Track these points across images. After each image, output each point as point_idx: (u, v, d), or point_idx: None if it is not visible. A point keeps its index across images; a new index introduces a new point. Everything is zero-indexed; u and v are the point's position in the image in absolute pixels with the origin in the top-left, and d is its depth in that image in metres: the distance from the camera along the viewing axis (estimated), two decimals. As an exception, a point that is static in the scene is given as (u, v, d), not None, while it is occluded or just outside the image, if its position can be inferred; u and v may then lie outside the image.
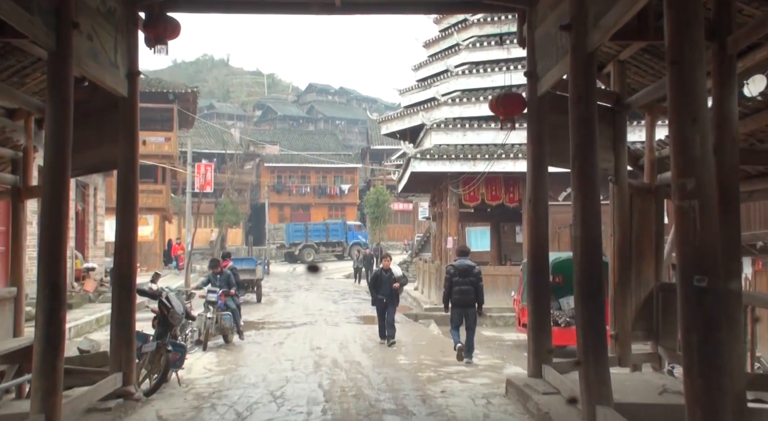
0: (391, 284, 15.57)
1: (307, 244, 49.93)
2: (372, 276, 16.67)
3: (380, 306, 15.67)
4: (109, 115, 9.48)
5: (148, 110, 38.36)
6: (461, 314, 13.04)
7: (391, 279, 15.63)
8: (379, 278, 15.82)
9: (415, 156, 22.72)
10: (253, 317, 21.89)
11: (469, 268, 13.13)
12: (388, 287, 15.55)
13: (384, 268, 16.03)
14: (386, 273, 15.77)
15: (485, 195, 23.74)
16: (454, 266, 13.33)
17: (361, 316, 21.96)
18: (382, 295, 15.57)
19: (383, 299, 15.55)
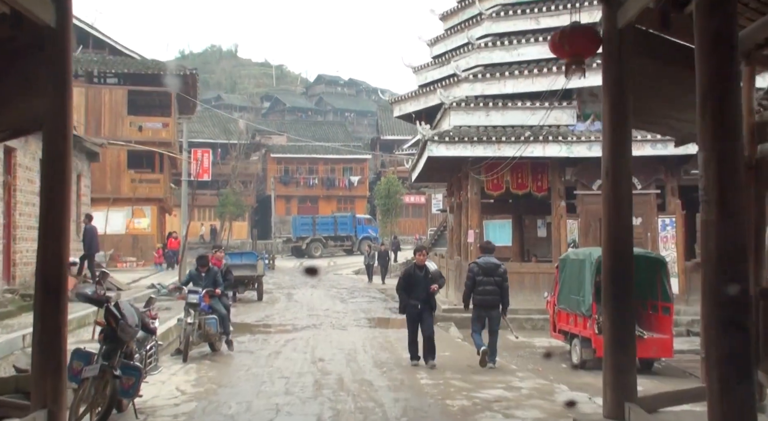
0: (428, 286, 11.87)
1: (315, 238, 47.43)
2: (402, 275, 12.64)
3: (413, 315, 11.93)
4: (36, 56, 6.95)
5: (144, 94, 36.11)
6: (484, 316, 12.20)
7: (427, 279, 11.92)
8: (412, 278, 12.02)
9: (432, 139, 20.13)
10: (250, 317, 19.39)
11: (495, 266, 12.21)
12: (423, 290, 11.87)
13: (417, 264, 12.15)
14: (420, 271, 12.00)
15: (510, 183, 21.12)
16: (478, 264, 12.29)
17: (372, 318, 19.45)
18: (416, 300, 11.85)
19: (417, 305, 11.85)
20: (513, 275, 21.16)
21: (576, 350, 14.27)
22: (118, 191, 34.54)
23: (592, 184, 21.06)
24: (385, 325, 18.36)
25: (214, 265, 13.67)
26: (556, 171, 21.13)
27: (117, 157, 34.43)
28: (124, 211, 34.52)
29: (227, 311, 13.64)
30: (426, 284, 11.84)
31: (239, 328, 17.41)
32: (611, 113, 7.43)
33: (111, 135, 34.29)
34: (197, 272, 13.28)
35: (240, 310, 21.38)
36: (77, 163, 21.89)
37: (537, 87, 20.52)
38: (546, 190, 21.29)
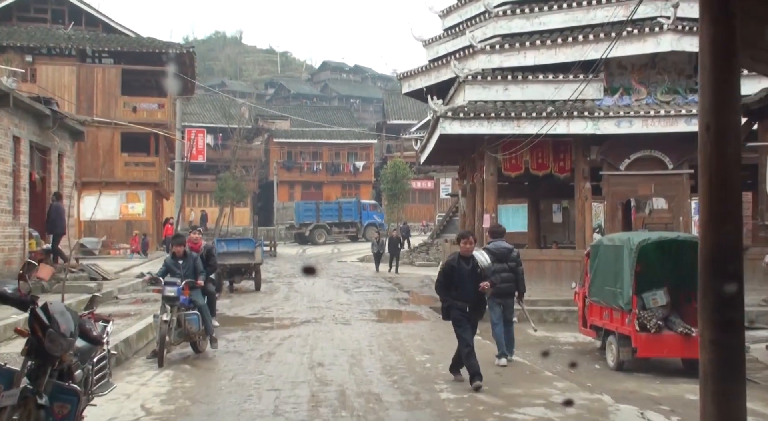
0: (476, 283, 9.12)
1: (319, 224, 45.47)
2: (442, 269, 9.81)
3: (460, 321, 9.25)
4: None
5: (139, 73, 34.10)
6: (501, 303, 10.97)
7: (476, 274, 9.17)
8: (455, 273, 9.24)
9: (445, 115, 18.14)
10: (245, 310, 17.48)
11: (507, 251, 11.12)
12: (471, 288, 9.10)
13: (463, 254, 9.37)
14: (466, 264, 9.25)
15: (530, 163, 19.17)
16: (489, 250, 10.81)
17: (379, 310, 17.51)
18: (463, 301, 9.17)
19: (465, 308, 9.17)
20: (531, 263, 19.23)
21: (612, 349, 12.28)
22: (111, 175, 32.63)
23: (619, 164, 19.13)
24: (394, 319, 16.43)
25: (191, 249, 11.68)
26: (580, 150, 19.16)
27: (110, 139, 32.52)
28: (118, 195, 32.62)
29: (213, 300, 11.71)
30: (474, 280, 9.12)
31: (232, 322, 15.55)
32: (713, 47, 5.38)
33: (104, 116, 32.34)
34: (173, 260, 11.31)
35: (235, 301, 19.48)
36: (58, 143, 19.95)
37: (560, 58, 18.54)
38: (569, 171, 19.33)
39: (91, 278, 19.47)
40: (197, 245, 12.11)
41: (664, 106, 18.41)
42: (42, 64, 31.68)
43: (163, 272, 11.31)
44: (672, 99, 18.82)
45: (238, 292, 21.89)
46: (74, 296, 16.09)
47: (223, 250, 22.13)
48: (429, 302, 19.45)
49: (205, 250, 11.94)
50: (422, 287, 23.53)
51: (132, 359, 10.87)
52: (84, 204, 32.39)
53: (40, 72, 31.34)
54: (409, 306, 18.54)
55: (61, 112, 19.36)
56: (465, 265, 9.24)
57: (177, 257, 11.28)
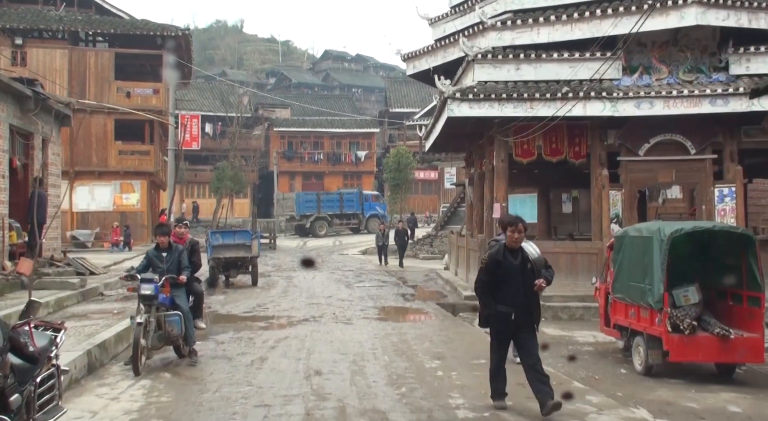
0: (528, 282, 7.39)
1: (320, 216, 44.18)
2: (483, 264, 7.66)
3: (503, 330, 7.55)
4: None
5: (133, 57, 32.83)
6: None
7: (526, 270, 7.41)
8: (500, 269, 7.41)
9: (453, 96, 16.83)
10: (239, 307, 16.26)
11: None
12: (520, 289, 7.36)
13: (510, 246, 7.49)
14: (514, 258, 7.43)
15: (543, 149, 17.87)
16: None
17: (383, 307, 16.27)
18: (508, 304, 7.37)
19: (510, 314, 7.37)
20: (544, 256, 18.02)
21: (639, 351, 11.07)
22: (105, 164, 31.41)
23: (638, 149, 17.85)
24: (399, 317, 15.20)
25: (176, 243, 10.43)
26: (597, 134, 17.87)
27: (103, 126, 31.27)
28: (111, 185, 31.41)
29: (199, 301, 10.47)
30: (524, 278, 7.34)
31: (224, 321, 14.35)
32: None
33: (97, 102, 31.11)
34: (157, 253, 10.06)
35: (230, 297, 18.28)
36: (42, 127, 18.68)
37: (576, 35, 17.23)
38: (584, 157, 18.04)
39: (77, 273, 18.26)
40: (183, 241, 10.84)
41: (686, 86, 17.10)
42: (32, 46, 30.41)
43: (144, 266, 10.09)
44: (695, 78, 17.51)
45: (234, 287, 20.69)
46: (55, 292, 14.91)
47: (218, 242, 20.95)
48: (436, 298, 18.23)
49: (189, 245, 10.65)
50: (427, 281, 22.30)
51: (108, 366, 9.67)
52: (77, 194, 31.21)
53: (31, 55, 30.07)
54: (415, 302, 17.32)
55: (45, 93, 18.05)
56: (512, 260, 7.32)
57: (161, 249, 10.04)
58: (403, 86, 59.71)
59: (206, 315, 15.12)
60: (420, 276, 23.80)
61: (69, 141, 30.75)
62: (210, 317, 15.18)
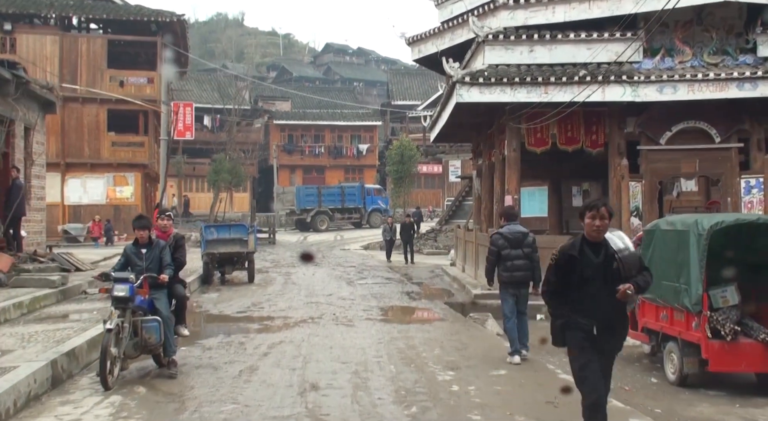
0: (612, 285, 5.25)
1: (321, 210, 42.91)
2: (554, 262, 5.40)
3: (583, 350, 5.36)
4: None
5: (126, 45, 31.59)
6: (514, 295, 9.89)
7: (611, 271, 5.32)
8: (577, 268, 5.33)
9: (462, 80, 15.59)
10: (232, 306, 15.04)
11: (522, 235, 9.99)
12: (600, 295, 5.28)
13: (590, 238, 5.36)
14: (595, 254, 5.37)
15: (557, 137, 16.66)
16: (502, 234, 10.01)
17: (387, 307, 15.04)
18: (588, 316, 5.31)
19: (592, 328, 5.32)
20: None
21: (672, 358, 9.89)
22: (97, 155, 30.20)
23: (659, 137, 16.63)
24: (405, 318, 13.97)
25: (158, 238, 9.18)
26: (615, 121, 16.65)
27: (95, 116, 30.06)
28: (104, 178, 30.22)
29: (182, 304, 9.23)
30: (608, 281, 5.27)
31: (214, 323, 13.15)
32: None
33: (89, 91, 29.87)
34: (135, 249, 8.82)
35: (223, 295, 17.09)
36: (24, 114, 17.44)
37: (595, 13, 16.05)
38: (602, 146, 16.81)
39: (62, 269, 17.02)
40: (166, 234, 9.55)
41: (712, 69, 15.86)
42: (22, 32, 29.17)
43: (121, 264, 8.84)
44: (720, 61, 16.27)
45: (229, 284, 19.52)
46: (32, 291, 13.68)
47: (212, 237, 19.76)
48: (443, 296, 17.03)
49: (174, 240, 9.35)
50: (433, 278, 21.09)
51: (77, 378, 8.45)
52: (68, 187, 30.01)
53: (20, 42, 28.85)
54: (421, 301, 16.09)
55: (26, 77, 16.79)
56: (593, 255, 5.33)
57: (140, 245, 8.79)
58: (406, 78, 58.42)
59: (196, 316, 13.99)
60: (425, 272, 22.59)
61: (60, 131, 29.60)
62: (200, 317, 14.01)
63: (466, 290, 17.18)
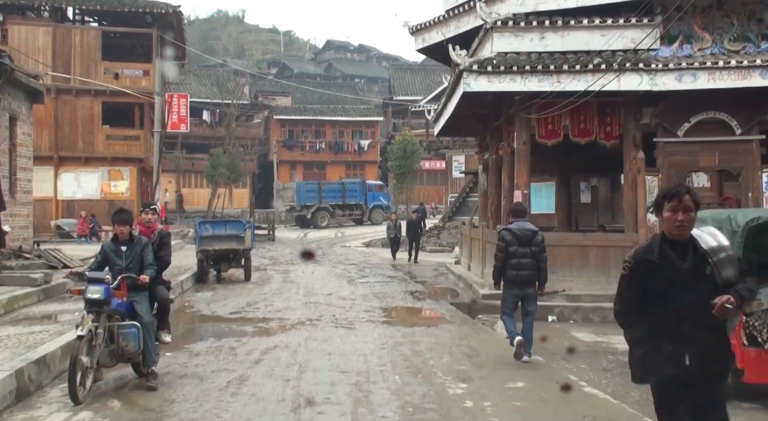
0: (706, 296, 3.98)
1: (321, 206, 41.98)
2: (627, 271, 4.19)
3: (676, 394, 4.07)
4: None
5: (121, 36, 30.67)
6: (518, 295, 9.50)
7: (704, 279, 4.06)
8: (655, 276, 4.08)
9: (470, 68, 14.65)
10: (226, 307, 14.14)
11: (531, 233, 9.51)
12: (693, 309, 4.03)
13: (671, 235, 4.12)
14: (682, 257, 4.09)
15: (570, 129, 15.69)
16: (510, 231, 9.53)
17: (389, 307, 14.14)
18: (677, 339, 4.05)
19: (682, 361, 4.03)
20: (573, 250, 15.88)
21: (703, 366, 8.88)
22: (92, 149, 29.29)
23: (677, 129, 15.66)
24: (410, 320, 13.07)
25: (142, 234, 8.26)
26: (631, 112, 15.68)
27: (89, 109, 29.14)
28: (99, 172, 29.31)
29: (165, 308, 8.32)
30: (701, 292, 4.03)
31: (205, 324, 12.28)
32: None
33: (82, 83, 28.95)
34: (114, 246, 7.91)
35: (218, 294, 16.20)
36: (10, 103, 16.55)
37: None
38: (617, 138, 15.83)
39: (48, 266, 16.15)
40: (150, 230, 8.61)
41: (733, 56, 14.92)
42: (14, 23, 28.25)
43: (98, 262, 7.94)
44: (742, 48, 15.31)
45: (225, 282, 18.64)
46: (11, 290, 12.79)
47: (207, 233, 18.88)
48: (448, 296, 16.12)
49: (158, 236, 8.42)
50: (437, 277, 20.18)
51: (46, 389, 7.59)
52: (62, 181, 29.12)
53: (12, 33, 27.93)
54: (426, 302, 15.18)
55: (10, 64, 15.90)
56: (677, 259, 4.10)
57: (119, 242, 7.88)
58: (408, 73, 57.47)
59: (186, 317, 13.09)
60: (429, 271, 21.69)
61: (53, 124, 28.70)
62: (191, 319, 13.12)
63: (473, 290, 16.26)
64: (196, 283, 18.30)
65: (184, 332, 11.35)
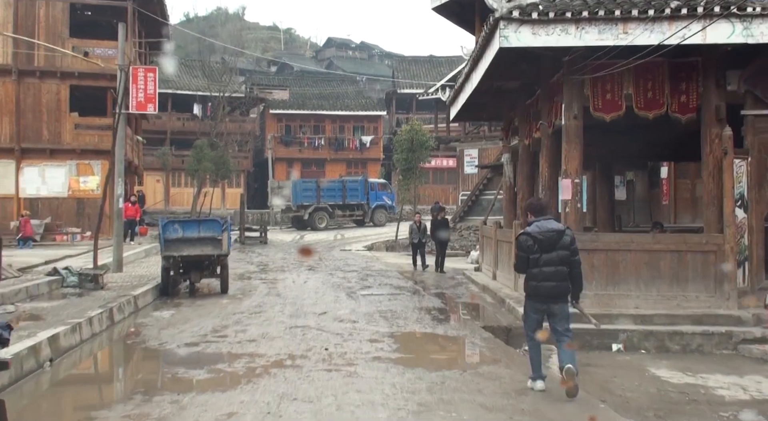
0: None
1: (319, 206, 38.13)
2: None
3: None
4: None
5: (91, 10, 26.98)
6: (544, 311, 7.28)
7: None
8: None
9: (509, 16, 10.90)
10: (183, 334, 10.38)
11: (557, 234, 7.23)
12: None
13: None
14: None
15: (634, 98, 11.93)
16: (529, 235, 7.31)
17: (401, 335, 10.32)
18: None
19: None
20: (639, 257, 11.93)
21: None
22: (58, 140, 25.53)
23: (767, 94, 11.90)
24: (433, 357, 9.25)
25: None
26: (712, 76, 11.88)
27: (56, 94, 25.39)
28: (66, 166, 25.56)
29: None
30: None
31: (145, 362, 8.55)
32: None
33: (48, 63, 25.22)
34: None
35: (181, 314, 12.49)
36: None
37: None
38: (694, 111, 12.04)
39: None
40: None
41: None
42: (-31, -5, 24.58)
43: None
44: None
45: (195, 295, 14.88)
46: None
47: (176, 236, 15.18)
48: (478, 315, 12.36)
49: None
50: (456, 288, 16.42)
51: None
52: (24, 177, 25.39)
53: (-32, 6, 24.29)
54: (450, 324, 11.39)
55: None
56: None
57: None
58: (413, 66, 53.68)
59: (124, 353, 9.39)
60: (444, 279, 17.96)
61: (15, 111, 24.99)
62: (128, 356, 9.38)
63: (507, 307, 12.49)
64: (160, 297, 14.60)
65: (103, 381, 7.60)
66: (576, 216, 12.06)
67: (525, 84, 15.09)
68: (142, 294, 13.62)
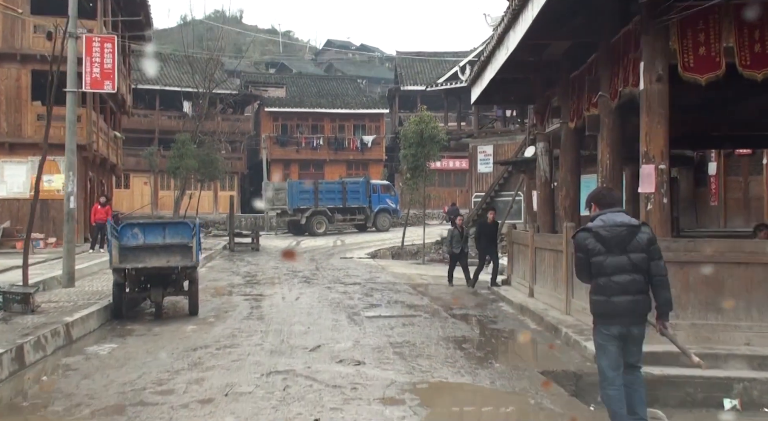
0: None
1: (318, 210, 34.79)
2: None
3: None
4: None
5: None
6: (623, 338, 5.49)
7: None
8: None
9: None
10: (107, 392, 7.01)
11: (626, 231, 5.46)
12: None
13: None
14: None
15: (737, 52, 8.61)
16: (591, 232, 5.50)
17: (428, 388, 6.97)
18: None
19: None
20: (750, 273, 8.51)
21: None
22: (18, 133, 22.28)
23: None
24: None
25: None
26: None
27: (15, 81, 22.16)
28: (28, 163, 22.24)
29: None
30: None
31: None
32: None
33: (5, 44, 21.96)
34: None
35: (124, 349, 9.17)
36: None
37: None
38: (821, 74, 8.74)
39: None
40: None
41: None
42: None
43: None
44: None
45: (160, 318, 11.54)
46: None
47: (136, 242, 11.86)
48: (527, 353, 9.03)
49: None
50: (484, 307, 13.08)
51: None
52: (-19, 176, 22.08)
53: None
54: (495, 369, 7.94)
55: None
56: None
57: None
58: (416, 63, 50.35)
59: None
60: (466, 295, 14.62)
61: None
62: (37, 416, 6.06)
63: (564, 338, 9.16)
64: (112, 319, 11.30)
65: None
66: (662, 215, 8.79)
67: (572, 50, 11.85)
68: (82, 319, 10.27)
